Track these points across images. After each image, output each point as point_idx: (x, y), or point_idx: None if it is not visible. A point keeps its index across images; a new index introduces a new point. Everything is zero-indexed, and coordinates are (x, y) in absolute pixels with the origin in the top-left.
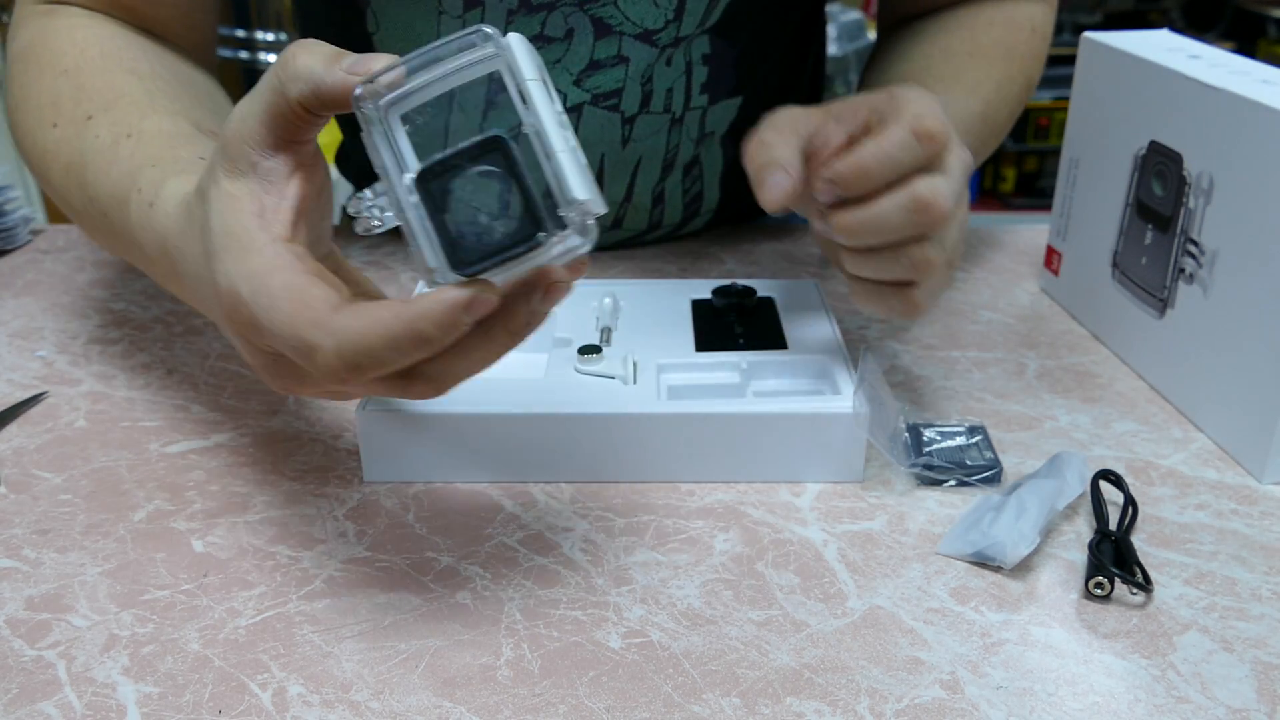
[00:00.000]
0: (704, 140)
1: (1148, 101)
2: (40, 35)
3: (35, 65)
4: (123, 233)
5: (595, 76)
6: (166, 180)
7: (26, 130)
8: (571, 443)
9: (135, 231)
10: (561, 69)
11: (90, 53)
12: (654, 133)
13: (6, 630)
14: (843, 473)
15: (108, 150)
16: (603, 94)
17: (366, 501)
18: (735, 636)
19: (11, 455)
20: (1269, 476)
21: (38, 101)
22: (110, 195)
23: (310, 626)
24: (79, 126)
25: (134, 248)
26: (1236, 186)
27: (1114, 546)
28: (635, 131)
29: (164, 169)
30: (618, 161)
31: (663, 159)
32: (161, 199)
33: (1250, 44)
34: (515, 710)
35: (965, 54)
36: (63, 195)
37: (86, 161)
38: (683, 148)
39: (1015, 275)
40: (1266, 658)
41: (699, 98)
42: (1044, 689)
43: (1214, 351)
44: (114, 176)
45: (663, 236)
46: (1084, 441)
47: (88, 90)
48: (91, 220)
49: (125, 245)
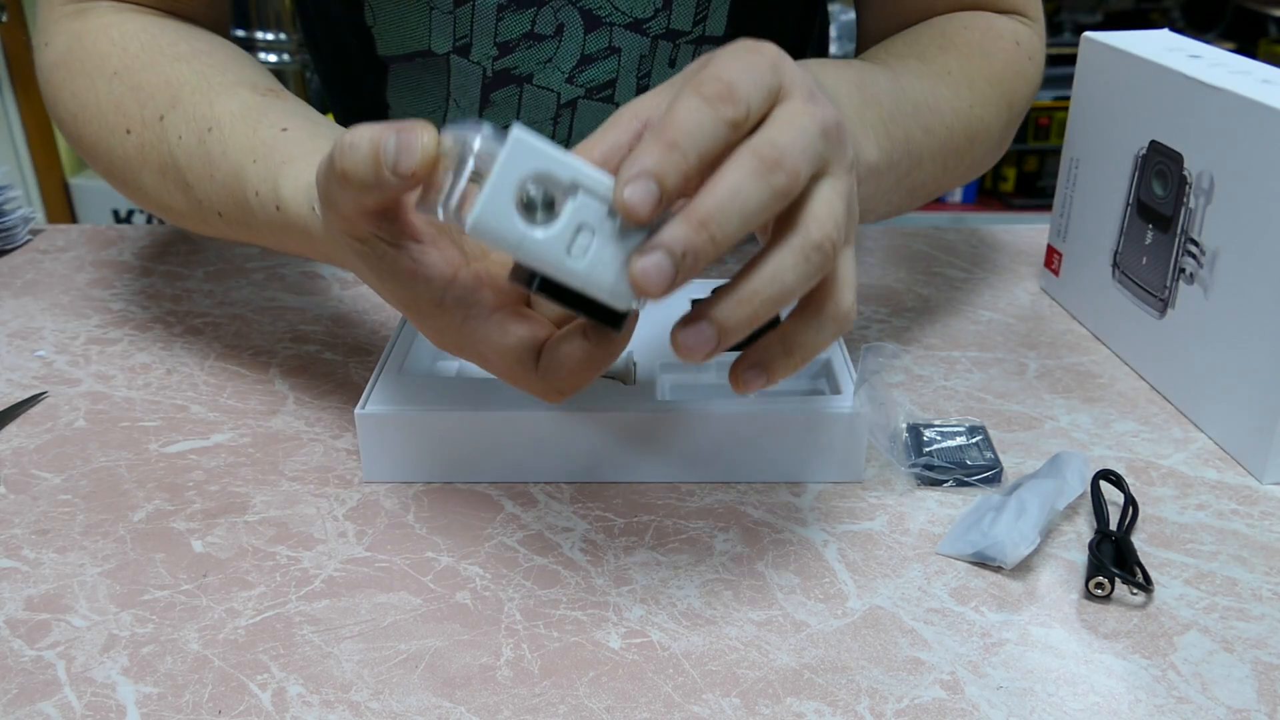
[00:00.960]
0: None
1: (1148, 101)
2: (77, 40)
3: (82, 72)
4: (249, 231)
5: (588, 71)
6: (278, 181)
7: (96, 140)
8: (571, 443)
9: (269, 231)
10: (553, 68)
11: (132, 49)
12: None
13: (6, 630)
14: (843, 473)
15: (196, 151)
16: (596, 86)
17: (366, 501)
18: (735, 636)
19: (11, 455)
20: (1269, 476)
21: (99, 109)
22: (222, 199)
23: (310, 626)
24: (155, 129)
25: (269, 240)
26: (1237, 186)
27: (1114, 546)
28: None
29: (265, 164)
30: None
31: None
32: (285, 200)
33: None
34: (515, 710)
35: (935, 45)
36: (159, 200)
37: (180, 165)
38: None
39: (1015, 275)
40: (1267, 658)
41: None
42: (1044, 689)
43: (1214, 351)
44: (219, 180)
45: None
46: (1084, 441)
47: (146, 89)
48: (202, 220)
49: (255, 238)
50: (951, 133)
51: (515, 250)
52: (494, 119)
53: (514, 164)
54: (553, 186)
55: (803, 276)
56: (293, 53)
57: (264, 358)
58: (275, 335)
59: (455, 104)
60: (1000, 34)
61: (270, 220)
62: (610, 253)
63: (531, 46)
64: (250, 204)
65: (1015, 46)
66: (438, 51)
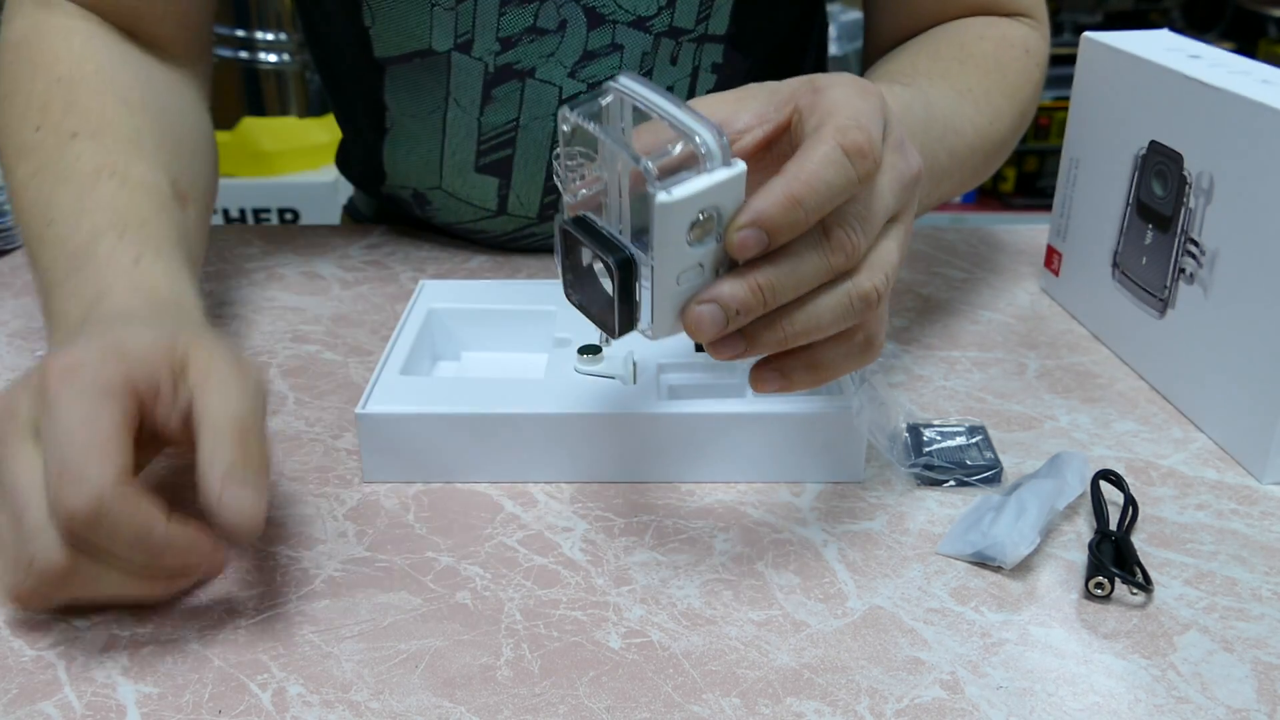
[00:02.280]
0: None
1: (1148, 101)
2: (36, 31)
3: (29, 63)
4: (37, 266)
5: (590, 66)
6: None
7: (6, 123)
8: (571, 443)
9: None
10: (555, 62)
11: (87, 67)
12: None
13: (6, 630)
14: (843, 473)
15: (88, 179)
16: (598, 82)
17: (366, 501)
18: (735, 636)
19: None
20: (1269, 476)
21: (26, 100)
22: (78, 222)
23: (310, 626)
24: (62, 139)
25: (67, 270)
26: (1237, 186)
27: (1114, 546)
28: None
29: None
30: None
31: None
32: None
33: (1250, 44)
34: (515, 710)
35: (955, 59)
36: (15, 190)
37: (60, 176)
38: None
39: (1015, 275)
40: (1267, 658)
41: (706, 78)
42: (1044, 689)
43: (1214, 351)
44: (90, 209)
45: None
46: (1084, 441)
47: (78, 107)
48: (29, 219)
49: (37, 275)
50: (972, 153)
51: (660, 245)
52: (495, 115)
53: (730, 188)
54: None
55: (840, 319)
56: (293, 53)
57: (264, 358)
58: (275, 335)
59: (455, 102)
60: (1012, 43)
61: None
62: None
63: (534, 41)
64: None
65: (1025, 55)
66: (439, 49)
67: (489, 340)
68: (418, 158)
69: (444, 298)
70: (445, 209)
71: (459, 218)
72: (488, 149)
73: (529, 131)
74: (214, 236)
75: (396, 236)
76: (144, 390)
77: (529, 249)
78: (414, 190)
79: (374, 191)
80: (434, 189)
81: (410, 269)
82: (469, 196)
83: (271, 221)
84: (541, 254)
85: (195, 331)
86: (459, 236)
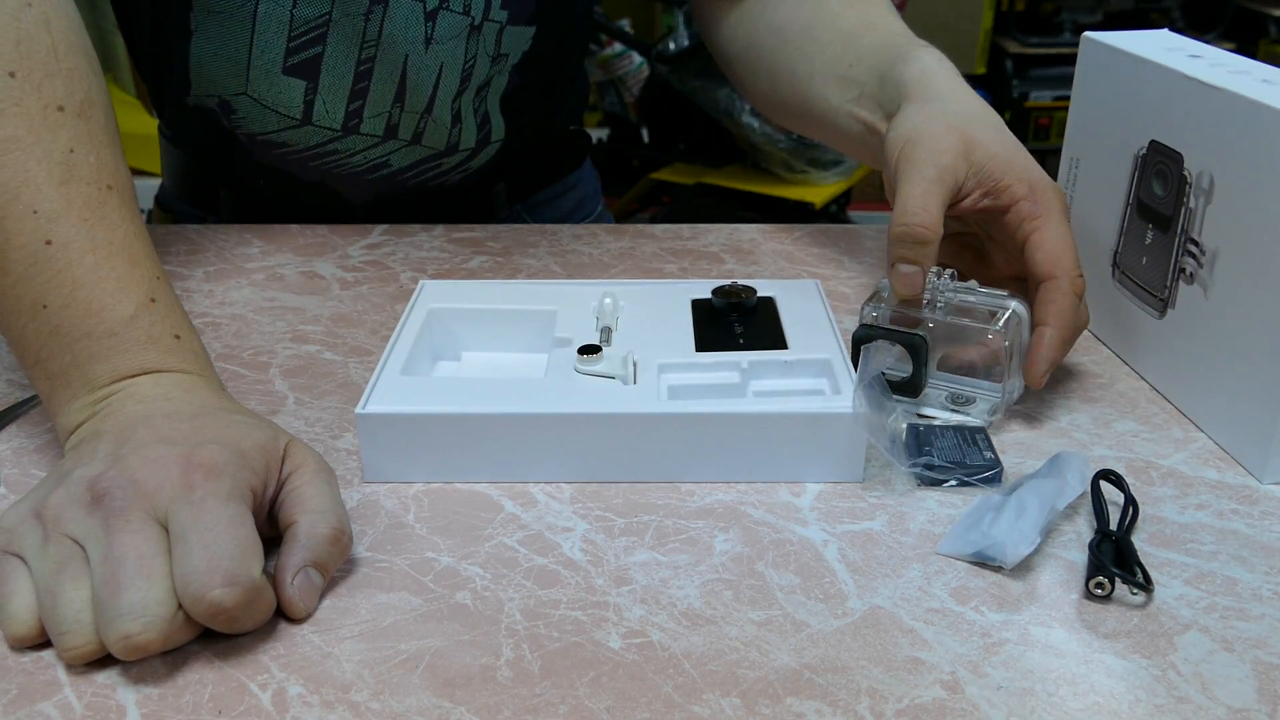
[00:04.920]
0: (498, 61)
1: (1148, 101)
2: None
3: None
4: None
5: None
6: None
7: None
8: (571, 443)
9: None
10: None
11: (58, 24)
12: (453, 36)
13: None
14: (843, 473)
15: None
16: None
17: (366, 501)
18: (735, 636)
19: (11, 455)
20: (1269, 476)
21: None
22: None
23: (310, 626)
24: (48, 114)
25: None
26: (1237, 186)
27: (1114, 546)
28: (436, 30)
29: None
30: (420, 65)
31: (460, 70)
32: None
33: (1250, 44)
34: (515, 710)
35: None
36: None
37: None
38: (479, 64)
39: None
40: (1267, 658)
41: (499, 11)
42: (1044, 689)
43: (1214, 351)
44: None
45: (457, 165)
46: (1084, 441)
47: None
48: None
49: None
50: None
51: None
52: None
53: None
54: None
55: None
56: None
57: (264, 358)
58: (275, 335)
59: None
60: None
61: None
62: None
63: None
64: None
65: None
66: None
67: (489, 340)
68: (225, 59)
69: (444, 298)
70: (250, 117)
71: (264, 127)
72: (297, 45)
73: (339, 28)
74: (214, 236)
75: (396, 236)
76: (260, 494)
77: (332, 173)
78: (219, 98)
79: (182, 116)
80: (239, 94)
81: (410, 269)
82: (275, 102)
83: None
84: (536, 250)
85: (275, 424)
86: (265, 161)
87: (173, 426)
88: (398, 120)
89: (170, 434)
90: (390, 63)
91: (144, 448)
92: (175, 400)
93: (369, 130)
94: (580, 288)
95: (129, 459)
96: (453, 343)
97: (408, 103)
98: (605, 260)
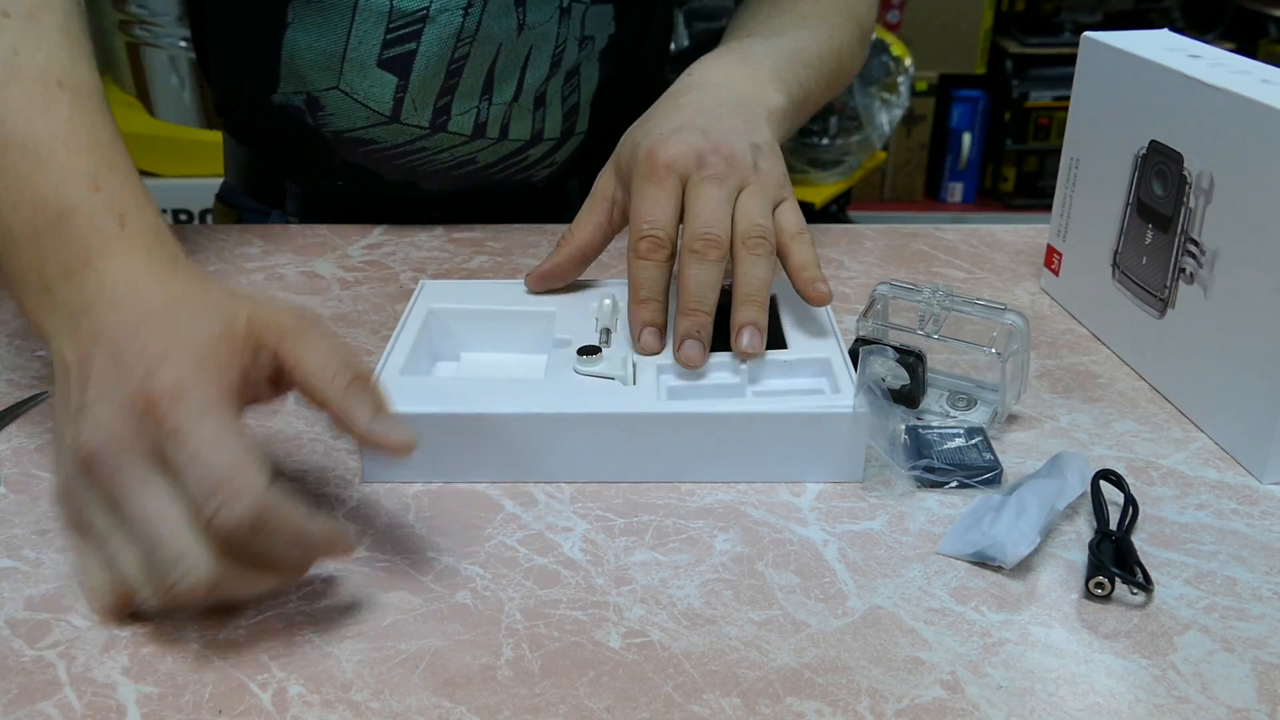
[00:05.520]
0: (585, 44)
1: (1148, 101)
2: None
3: None
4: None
5: None
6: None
7: None
8: (571, 443)
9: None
10: None
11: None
12: (545, 20)
13: (6, 630)
14: (843, 473)
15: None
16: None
17: (366, 501)
18: (735, 636)
19: (11, 455)
20: (1269, 476)
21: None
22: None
23: (310, 626)
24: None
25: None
26: (1237, 186)
27: (1114, 546)
28: (528, 17)
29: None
30: (510, 53)
31: (551, 54)
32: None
33: (1250, 44)
34: (515, 710)
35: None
36: None
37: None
38: (569, 48)
39: (1015, 275)
40: (1267, 658)
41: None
42: (1044, 689)
43: (1214, 351)
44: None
45: (542, 159)
46: (1084, 441)
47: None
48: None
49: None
50: (824, 60)
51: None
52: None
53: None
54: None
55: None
56: None
57: None
58: None
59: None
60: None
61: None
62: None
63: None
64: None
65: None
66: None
67: (489, 340)
68: (320, 50)
69: (444, 298)
70: (339, 113)
71: (351, 124)
72: (394, 38)
73: (435, 25)
74: (214, 236)
75: (397, 236)
76: (239, 384)
77: (418, 170)
78: (308, 94)
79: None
80: (330, 89)
81: (410, 269)
82: (366, 96)
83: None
84: (537, 250)
85: (232, 298)
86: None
87: (127, 346)
88: (485, 117)
89: (126, 359)
90: (482, 57)
91: (106, 392)
92: (122, 308)
93: (456, 129)
94: (580, 289)
95: (97, 408)
96: (453, 343)
97: (495, 95)
98: (605, 260)
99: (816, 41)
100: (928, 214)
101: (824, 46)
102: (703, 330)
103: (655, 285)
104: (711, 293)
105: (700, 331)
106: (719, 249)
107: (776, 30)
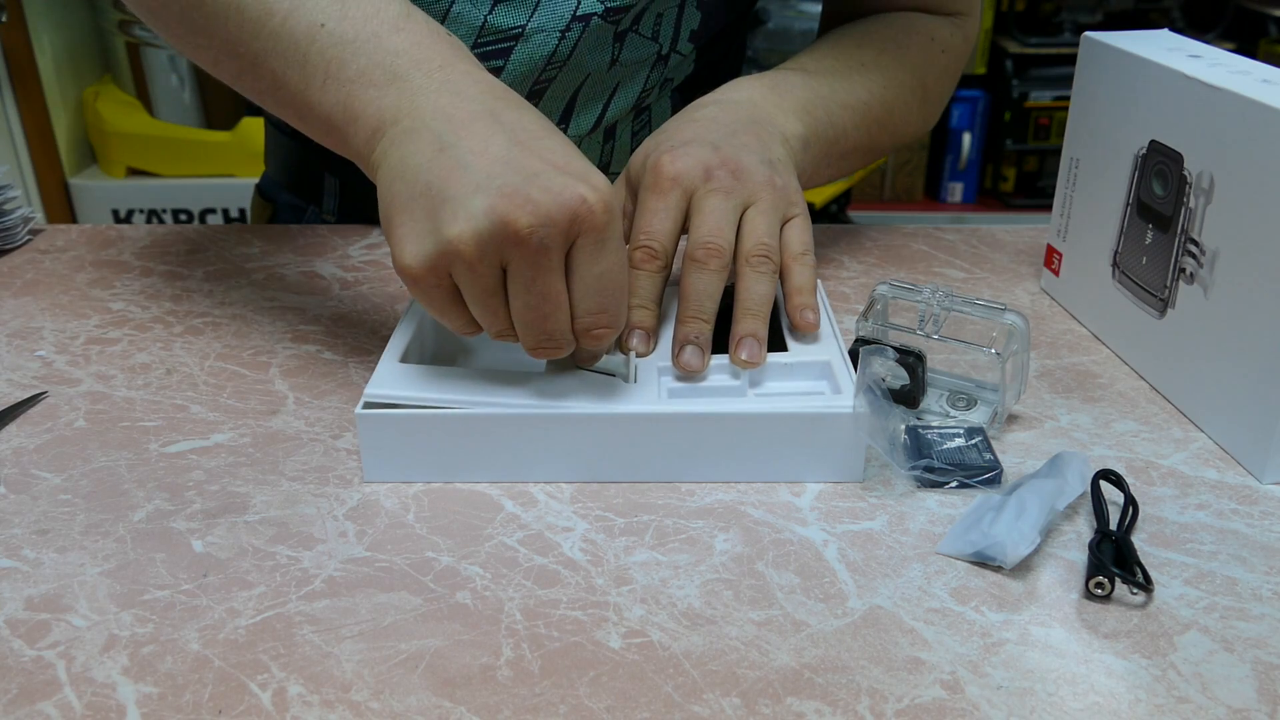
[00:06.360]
0: (665, 86)
1: (1148, 101)
2: None
3: None
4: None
5: None
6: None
7: None
8: (571, 443)
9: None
10: None
11: None
12: (640, 59)
13: (6, 630)
14: (843, 473)
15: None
16: (614, 8)
17: (366, 501)
18: (735, 636)
19: (11, 455)
20: (1269, 476)
21: None
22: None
23: (310, 626)
24: None
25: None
26: (1237, 186)
27: (1114, 546)
28: (624, 53)
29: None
30: (598, 84)
31: (637, 96)
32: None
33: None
34: (515, 710)
35: (854, 45)
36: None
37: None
38: (655, 93)
39: (1015, 275)
40: (1267, 658)
41: (685, 44)
42: (1044, 689)
43: (1214, 351)
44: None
45: None
46: (1084, 441)
47: None
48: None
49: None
50: (869, 107)
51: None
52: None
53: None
54: None
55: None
56: None
57: (264, 358)
58: (275, 335)
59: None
60: (917, 30)
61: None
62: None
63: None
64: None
65: (930, 42)
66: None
67: (488, 340)
68: None
69: None
70: None
71: None
72: (482, 54)
73: (528, 45)
74: (214, 236)
75: None
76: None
77: None
78: None
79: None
80: None
81: None
82: None
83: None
84: None
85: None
86: None
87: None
88: None
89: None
90: (567, 84)
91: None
92: (521, 107)
93: None
94: None
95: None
96: (452, 342)
97: (573, 124)
98: None
99: (866, 89)
100: (927, 214)
101: (873, 95)
102: (701, 337)
103: (646, 293)
104: (711, 301)
105: (699, 338)
106: (720, 259)
107: (827, 70)
